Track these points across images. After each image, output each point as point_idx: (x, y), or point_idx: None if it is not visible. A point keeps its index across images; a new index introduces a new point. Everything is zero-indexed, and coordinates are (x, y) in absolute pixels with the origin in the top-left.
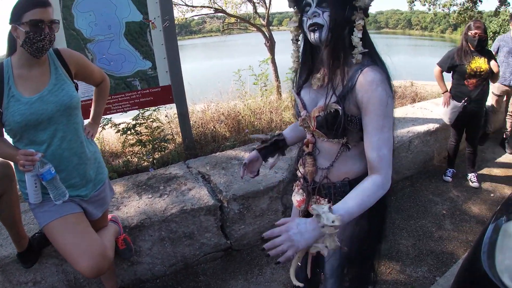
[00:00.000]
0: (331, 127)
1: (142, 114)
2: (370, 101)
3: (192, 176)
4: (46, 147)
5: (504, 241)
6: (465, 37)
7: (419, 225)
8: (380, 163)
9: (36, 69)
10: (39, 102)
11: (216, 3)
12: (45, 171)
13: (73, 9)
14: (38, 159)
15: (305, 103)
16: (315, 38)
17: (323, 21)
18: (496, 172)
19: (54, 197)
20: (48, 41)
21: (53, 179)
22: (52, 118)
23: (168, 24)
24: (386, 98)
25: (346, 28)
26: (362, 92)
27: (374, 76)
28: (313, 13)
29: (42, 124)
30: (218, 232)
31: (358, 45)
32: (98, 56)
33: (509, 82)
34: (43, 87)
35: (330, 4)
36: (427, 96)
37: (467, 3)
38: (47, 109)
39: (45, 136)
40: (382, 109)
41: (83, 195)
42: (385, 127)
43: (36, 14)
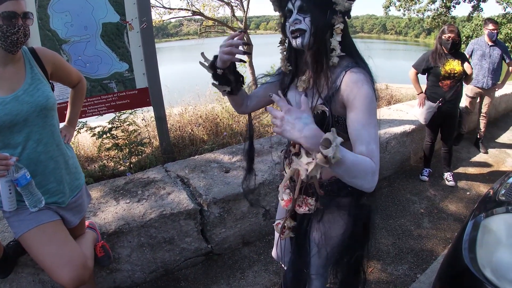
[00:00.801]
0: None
1: (118, 117)
2: (356, 98)
3: (170, 180)
4: (21, 150)
5: (484, 236)
6: (439, 40)
7: (398, 224)
8: (370, 155)
9: (10, 67)
10: (14, 102)
11: (194, 5)
12: (20, 176)
13: (49, 9)
14: (13, 163)
15: (292, 104)
16: (298, 44)
17: (306, 27)
18: (471, 171)
19: (29, 204)
20: (23, 34)
21: (28, 184)
22: (27, 120)
23: (146, 25)
24: (371, 95)
25: (327, 32)
26: (348, 91)
27: (358, 76)
28: (294, 21)
29: (17, 126)
30: (199, 237)
31: (336, 48)
32: (74, 57)
33: (482, 84)
34: (18, 87)
35: (311, 10)
36: (402, 98)
37: (441, 8)
38: (22, 110)
39: (20, 138)
40: (368, 105)
41: (60, 202)
42: (372, 124)
43: (8, 6)
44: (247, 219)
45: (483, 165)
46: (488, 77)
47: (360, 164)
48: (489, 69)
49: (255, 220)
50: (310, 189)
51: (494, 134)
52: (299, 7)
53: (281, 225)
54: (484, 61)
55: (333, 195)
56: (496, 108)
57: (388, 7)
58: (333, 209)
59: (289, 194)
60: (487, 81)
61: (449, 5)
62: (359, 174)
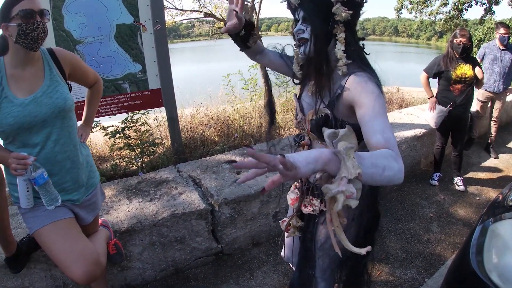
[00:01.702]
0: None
1: (131, 118)
2: (362, 94)
3: (182, 180)
4: (39, 150)
5: (491, 241)
6: (451, 44)
7: (407, 228)
8: (387, 143)
9: (29, 69)
10: (33, 104)
11: (206, 7)
12: (37, 176)
13: (64, 10)
14: (31, 163)
15: (303, 106)
16: (301, 52)
17: (308, 36)
18: (481, 176)
19: (46, 202)
20: (42, 30)
21: (46, 183)
22: (46, 121)
23: (159, 27)
24: (377, 90)
25: (329, 41)
26: (353, 90)
27: (362, 76)
28: (298, 31)
29: (36, 127)
30: (209, 236)
31: (342, 57)
32: (88, 58)
33: (493, 89)
34: (37, 88)
35: (312, 20)
36: (413, 102)
37: (453, 11)
38: (41, 112)
39: (38, 139)
40: (375, 99)
41: (74, 199)
42: (382, 114)
43: (25, 5)
44: (258, 220)
45: (494, 170)
46: (499, 81)
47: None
48: (501, 73)
49: (265, 221)
50: (316, 190)
51: (505, 139)
52: (303, 18)
53: (286, 223)
54: (495, 65)
55: None
56: (507, 113)
57: (400, 10)
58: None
59: (297, 193)
60: (498, 85)
61: (461, 8)
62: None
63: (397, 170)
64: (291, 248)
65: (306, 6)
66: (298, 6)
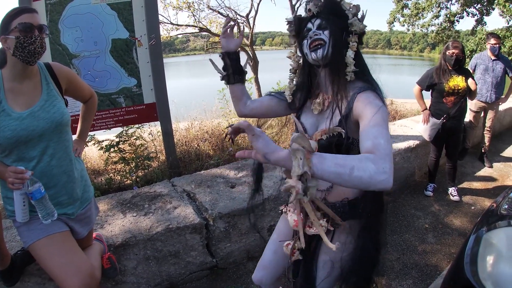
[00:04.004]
0: (335, 149)
1: (126, 132)
2: (367, 108)
3: (177, 194)
4: (35, 163)
5: (485, 250)
6: (444, 56)
7: (403, 239)
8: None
9: (27, 83)
10: (30, 118)
11: (201, 22)
12: (34, 190)
13: (60, 24)
14: (28, 177)
15: (305, 127)
16: (318, 55)
17: (326, 38)
18: (476, 186)
19: (42, 217)
20: (39, 45)
21: (43, 198)
22: (43, 135)
23: (154, 42)
24: (382, 105)
25: (343, 48)
26: (360, 106)
27: (370, 93)
28: (315, 33)
29: (33, 141)
30: (204, 251)
31: (351, 63)
32: (83, 72)
33: (486, 99)
34: (34, 102)
35: (330, 26)
36: (406, 113)
37: (444, 23)
38: (39, 126)
39: (35, 153)
40: (377, 112)
41: (69, 213)
42: (381, 126)
43: (24, 18)
44: (252, 234)
45: (488, 179)
46: (491, 91)
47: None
48: (493, 83)
49: (260, 235)
50: (320, 210)
51: (499, 148)
52: (319, 25)
53: (291, 246)
54: (487, 75)
55: (346, 216)
56: (500, 122)
57: (392, 23)
58: (343, 231)
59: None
60: (491, 95)
61: (452, 19)
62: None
63: (373, 172)
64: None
65: (324, 15)
66: (316, 15)
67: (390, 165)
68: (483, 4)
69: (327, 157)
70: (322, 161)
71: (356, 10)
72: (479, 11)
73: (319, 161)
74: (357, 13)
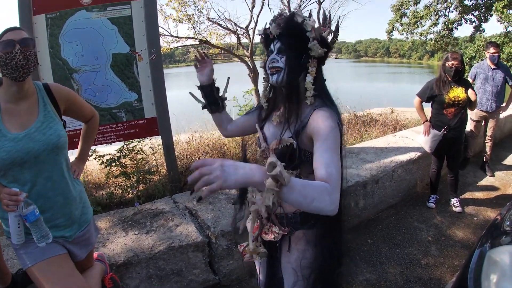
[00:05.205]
0: (288, 159)
1: (127, 146)
2: (320, 130)
3: (179, 212)
4: (30, 186)
5: (489, 268)
6: (443, 68)
7: (406, 253)
8: (328, 178)
9: (23, 104)
10: (26, 139)
11: (201, 34)
12: (29, 213)
13: (60, 38)
14: (22, 199)
15: (266, 136)
16: (274, 80)
17: (282, 65)
18: (478, 196)
19: (37, 239)
20: (21, 58)
21: (37, 220)
22: (38, 157)
23: (155, 56)
24: (335, 128)
25: (301, 72)
26: (314, 124)
27: (325, 112)
28: (272, 60)
29: (28, 163)
30: (207, 268)
31: (310, 89)
32: (84, 86)
33: (486, 108)
34: (30, 124)
35: (287, 52)
36: (407, 123)
37: (443, 30)
38: (34, 148)
39: (30, 175)
40: (330, 135)
41: (67, 236)
42: (334, 152)
43: (7, 36)
44: None
45: (490, 189)
46: (491, 100)
47: (311, 185)
48: (493, 92)
49: None
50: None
51: (501, 156)
52: (278, 49)
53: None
54: (487, 85)
55: (298, 227)
56: (501, 129)
57: (391, 32)
58: (300, 240)
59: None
60: (491, 104)
61: (451, 27)
62: (315, 195)
63: (328, 203)
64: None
65: (284, 38)
66: (276, 37)
67: (339, 194)
68: (481, 11)
69: (295, 188)
70: (290, 192)
71: (316, 33)
72: (477, 18)
73: (288, 192)
74: (318, 37)
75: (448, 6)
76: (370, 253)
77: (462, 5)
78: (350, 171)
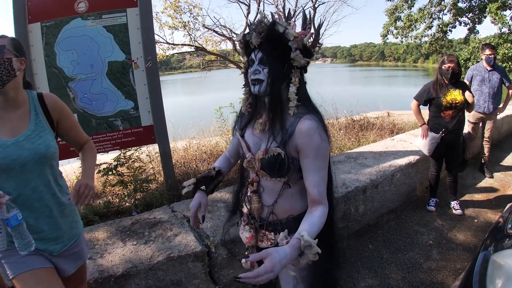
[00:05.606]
0: (274, 168)
1: (123, 154)
2: (308, 147)
3: (177, 221)
4: (16, 196)
5: (494, 272)
6: (440, 71)
7: (407, 258)
8: (320, 197)
9: (14, 112)
10: (14, 146)
11: (196, 41)
12: (11, 216)
13: (56, 47)
14: (5, 202)
15: (249, 145)
16: (255, 91)
17: (264, 77)
18: (477, 197)
19: (18, 247)
20: None
21: (19, 226)
22: (24, 166)
23: (151, 64)
24: (321, 143)
25: (283, 82)
26: (301, 139)
27: (310, 124)
28: (254, 71)
29: (14, 171)
30: (207, 278)
31: (294, 99)
32: (80, 95)
33: (484, 109)
34: (21, 132)
35: (270, 62)
36: (404, 126)
37: (437, 33)
38: (21, 156)
39: (15, 183)
40: (318, 153)
41: (51, 249)
42: (322, 168)
43: None
44: None
45: (489, 190)
46: (488, 102)
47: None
48: (490, 93)
49: None
50: (269, 226)
51: (499, 157)
52: (260, 59)
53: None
54: (484, 86)
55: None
56: (498, 130)
57: (386, 36)
58: None
59: (250, 230)
60: (488, 106)
61: (445, 29)
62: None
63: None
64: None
65: (265, 48)
66: (257, 48)
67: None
68: (475, 13)
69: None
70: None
71: (299, 43)
72: (471, 20)
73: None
74: (300, 46)
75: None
76: (372, 259)
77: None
78: (349, 176)
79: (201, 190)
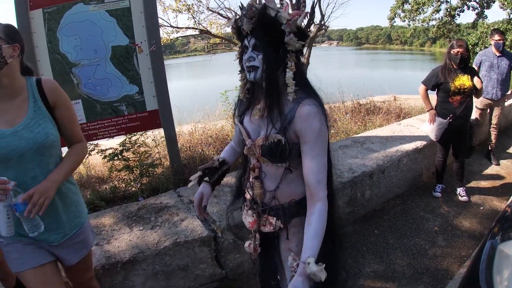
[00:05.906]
0: (275, 154)
1: (129, 139)
2: (307, 132)
3: (183, 206)
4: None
5: (501, 262)
6: (448, 55)
7: (413, 244)
8: (318, 186)
9: (12, 100)
10: (12, 136)
11: (201, 24)
12: (18, 202)
13: (58, 32)
14: (11, 188)
15: (249, 132)
16: (251, 78)
17: (259, 64)
18: (484, 185)
19: (28, 230)
20: None
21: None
22: (23, 155)
23: (155, 48)
24: (320, 128)
25: (279, 68)
26: (300, 124)
27: (310, 109)
28: (249, 58)
29: (13, 161)
30: (213, 263)
31: (291, 84)
32: (84, 80)
33: (492, 96)
34: (19, 121)
35: (264, 48)
36: (411, 111)
37: (445, 17)
38: (19, 145)
39: (14, 174)
40: (318, 139)
41: (51, 239)
42: (321, 154)
43: None
44: None
45: (496, 177)
46: (497, 88)
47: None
48: (498, 80)
49: None
50: (272, 211)
51: (506, 145)
52: (253, 45)
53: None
54: (492, 72)
55: (294, 216)
56: (506, 117)
57: (393, 19)
58: (298, 227)
59: (253, 215)
60: (496, 92)
61: (453, 13)
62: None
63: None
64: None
65: (258, 34)
66: (249, 34)
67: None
68: None
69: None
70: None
71: (292, 26)
72: (479, 4)
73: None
74: (294, 29)
75: None
76: (377, 244)
77: None
78: (356, 161)
79: (204, 181)
